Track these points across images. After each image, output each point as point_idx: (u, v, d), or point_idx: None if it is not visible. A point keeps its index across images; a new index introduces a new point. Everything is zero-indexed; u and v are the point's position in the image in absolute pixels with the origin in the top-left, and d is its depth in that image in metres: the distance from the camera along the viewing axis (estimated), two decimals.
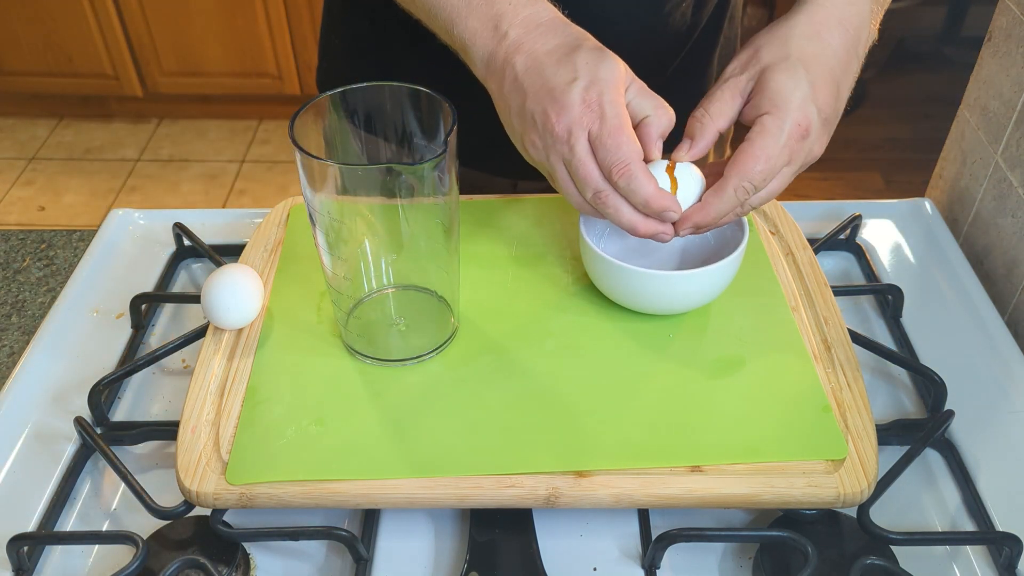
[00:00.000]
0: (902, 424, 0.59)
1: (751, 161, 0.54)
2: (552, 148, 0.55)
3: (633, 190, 0.53)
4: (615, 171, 0.53)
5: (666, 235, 0.56)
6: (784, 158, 0.54)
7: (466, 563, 0.51)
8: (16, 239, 0.82)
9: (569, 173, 0.55)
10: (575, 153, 0.54)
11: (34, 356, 0.65)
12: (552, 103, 0.53)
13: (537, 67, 0.55)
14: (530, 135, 0.56)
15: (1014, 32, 0.73)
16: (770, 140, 0.54)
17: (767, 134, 0.54)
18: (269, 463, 0.52)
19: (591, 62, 0.54)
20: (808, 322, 0.62)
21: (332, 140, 0.55)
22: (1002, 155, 0.75)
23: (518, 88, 0.55)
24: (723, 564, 0.53)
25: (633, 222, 0.55)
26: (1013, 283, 0.72)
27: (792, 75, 0.55)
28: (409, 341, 0.60)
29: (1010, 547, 0.51)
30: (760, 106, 0.55)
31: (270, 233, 0.70)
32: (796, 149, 0.55)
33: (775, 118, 0.54)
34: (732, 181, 0.54)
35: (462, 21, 0.58)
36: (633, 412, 0.55)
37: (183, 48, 2.44)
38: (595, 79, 0.53)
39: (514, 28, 0.56)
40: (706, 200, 0.55)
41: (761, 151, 0.54)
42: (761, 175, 0.54)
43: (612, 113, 0.53)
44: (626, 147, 0.52)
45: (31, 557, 0.53)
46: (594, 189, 0.54)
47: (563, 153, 0.54)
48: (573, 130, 0.53)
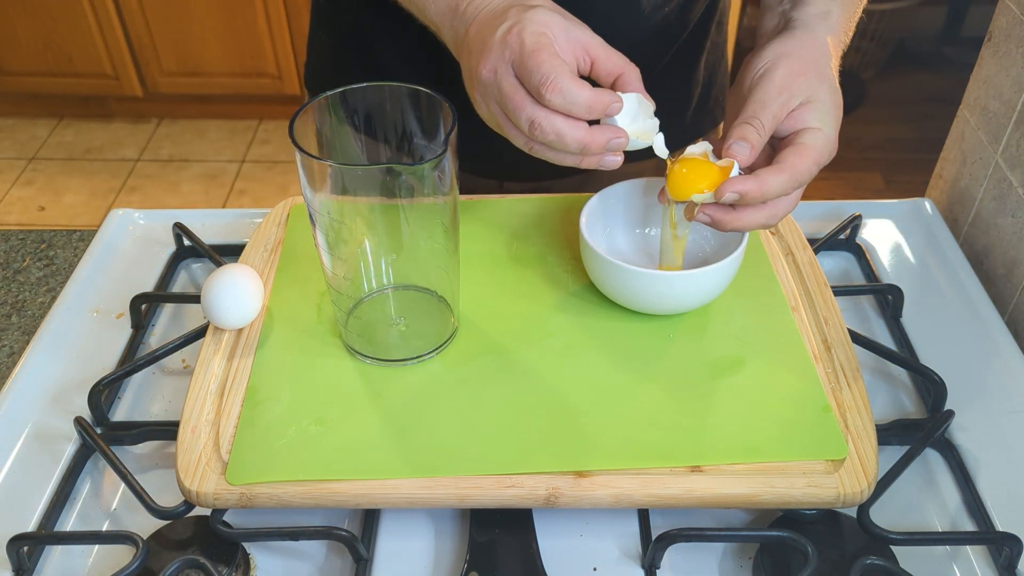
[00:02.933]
0: (902, 424, 0.59)
1: (809, 160, 0.54)
2: (486, 95, 0.54)
3: (571, 101, 0.51)
4: (544, 88, 0.51)
5: (620, 140, 0.53)
6: (814, 175, 0.56)
7: (466, 563, 0.51)
8: (16, 239, 0.82)
9: (506, 114, 0.54)
10: (502, 89, 0.53)
11: (34, 356, 0.65)
12: (480, 51, 0.53)
13: (480, 29, 0.55)
14: (473, 94, 0.55)
15: (1014, 32, 0.73)
16: (822, 152, 0.55)
17: (822, 146, 0.55)
18: (269, 463, 0.52)
19: (522, 10, 0.53)
20: (808, 322, 0.62)
21: (332, 140, 0.55)
22: (1002, 155, 0.75)
23: (468, 52, 0.55)
24: (723, 564, 0.53)
25: (580, 139, 0.53)
26: (1013, 283, 0.72)
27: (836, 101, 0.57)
28: (409, 341, 0.60)
29: (1010, 547, 0.51)
30: (812, 120, 0.56)
31: (270, 233, 0.70)
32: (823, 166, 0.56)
33: (827, 137, 0.55)
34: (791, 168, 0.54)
35: (430, 6, 0.59)
36: (633, 412, 0.55)
37: (183, 48, 2.44)
38: (519, 19, 0.53)
39: (471, 6, 0.57)
40: (761, 174, 0.54)
41: (816, 156, 0.55)
42: (809, 175, 0.55)
43: (531, 40, 0.52)
44: (547, 63, 0.51)
45: (31, 557, 0.53)
46: (527, 119, 0.52)
47: (495, 95, 0.53)
48: (497, 68, 0.53)
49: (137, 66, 2.48)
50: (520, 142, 0.55)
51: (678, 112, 0.81)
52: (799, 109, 0.56)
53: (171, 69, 2.49)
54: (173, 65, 2.48)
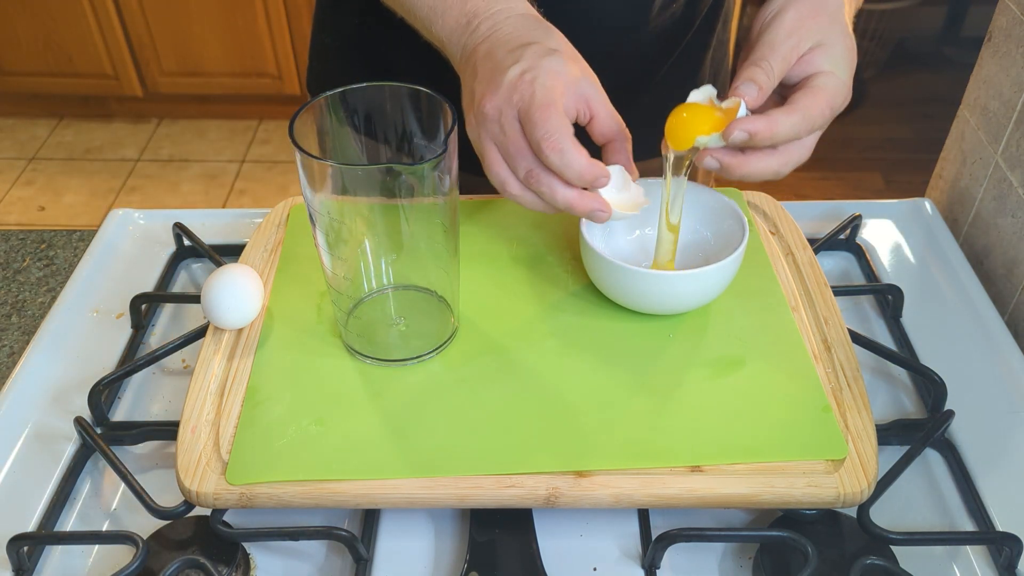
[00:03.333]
0: (902, 424, 0.59)
1: (822, 102, 0.53)
2: (483, 126, 0.54)
3: (566, 163, 0.52)
4: (544, 145, 0.51)
5: (603, 213, 0.54)
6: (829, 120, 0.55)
7: (466, 563, 0.51)
8: (16, 239, 0.82)
9: (501, 153, 0.54)
10: (506, 131, 0.53)
11: (34, 356, 0.65)
12: (489, 83, 0.54)
13: (491, 53, 0.55)
14: (468, 115, 0.56)
15: (1014, 32, 0.73)
16: (836, 96, 0.54)
17: (835, 90, 0.54)
18: (269, 463, 0.52)
19: (539, 54, 0.54)
20: (808, 322, 0.62)
21: (332, 140, 0.55)
22: (1002, 155, 0.75)
23: (473, 73, 0.56)
24: (723, 564, 0.53)
25: (569, 200, 0.54)
26: (1013, 283, 0.72)
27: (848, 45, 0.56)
28: (409, 341, 0.60)
29: (1010, 547, 0.51)
30: (823, 64, 0.55)
31: (270, 233, 0.70)
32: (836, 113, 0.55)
33: (839, 80, 0.55)
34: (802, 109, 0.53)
35: (439, 19, 0.59)
36: (633, 412, 0.55)
37: (183, 48, 2.44)
38: (534, 66, 0.53)
39: (485, 22, 0.57)
40: (772, 114, 0.53)
41: (829, 99, 0.54)
42: (823, 119, 0.54)
43: (542, 93, 0.52)
44: (555, 121, 0.51)
45: (31, 557, 0.53)
46: (526, 168, 0.53)
47: (494, 133, 0.54)
48: (503, 108, 0.53)
49: (137, 66, 2.48)
50: (499, 181, 0.55)
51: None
52: (810, 53, 0.55)
53: (171, 69, 2.49)
54: (173, 65, 2.48)
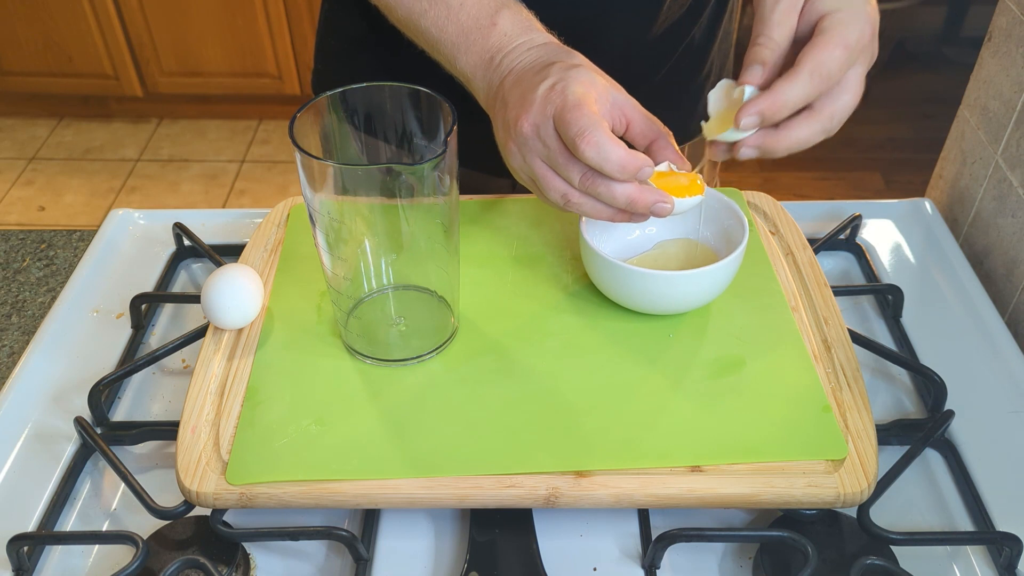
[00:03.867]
0: (902, 424, 0.59)
1: (830, 46, 0.51)
2: (526, 148, 0.54)
3: (604, 157, 0.51)
4: (579, 141, 0.51)
5: (666, 205, 0.53)
6: (857, 54, 0.52)
7: (466, 563, 0.51)
8: (16, 239, 0.82)
9: (552, 168, 0.54)
10: (548, 144, 0.53)
11: (34, 356, 0.65)
12: (521, 105, 0.54)
13: (519, 81, 0.55)
14: (508, 145, 0.56)
15: (1014, 32, 0.73)
16: (848, 31, 0.51)
17: (844, 25, 0.51)
18: (269, 463, 0.52)
19: (565, 68, 0.54)
20: (808, 322, 0.62)
21: (332, 140, 0.55)
22: (1002, 155, 0.75)
23: (504, 104, 0.56)
24: (723, 564, 0.53)
25: (629, 195, 0.52)
26: (1013, 283, 0.72)
27: None
28: (409, 341, 0.60)
29: (1010, 547, 0.51)
30: (825, 6, 0.53)
31: (270, 233, 0.70)
32: (867, 48, 0.53)
33: (849, 13, 0.52)
34: (808, 65, 0.51)
35: (462, 56, 0.59)
36: (633, 412, 0.55)
37: (183, 48, 2.44)
38: (563, 77, 0.53)
39: (508, 56, 0.57)
40: (776, 85, 0.51)
41: (840, 39, 0.51)
42: (839, 62, 0.51)
43: (573, 97, 0.52)
44: (587, 118, 0.51)
45: (31, 557, 0.53)
46: (579, 173, 0.52)
47: (538, 150, 0.54)
48: (539, 123, 0.53)
49: (137, 66, 2.48)
50: (557, 196, 0.55)
51: (691, 105, 0.81)
52: (809, 3, 0.53)
53: (171, 69, 2.49)
54: (173, 65, 2.48)
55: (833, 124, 0.53)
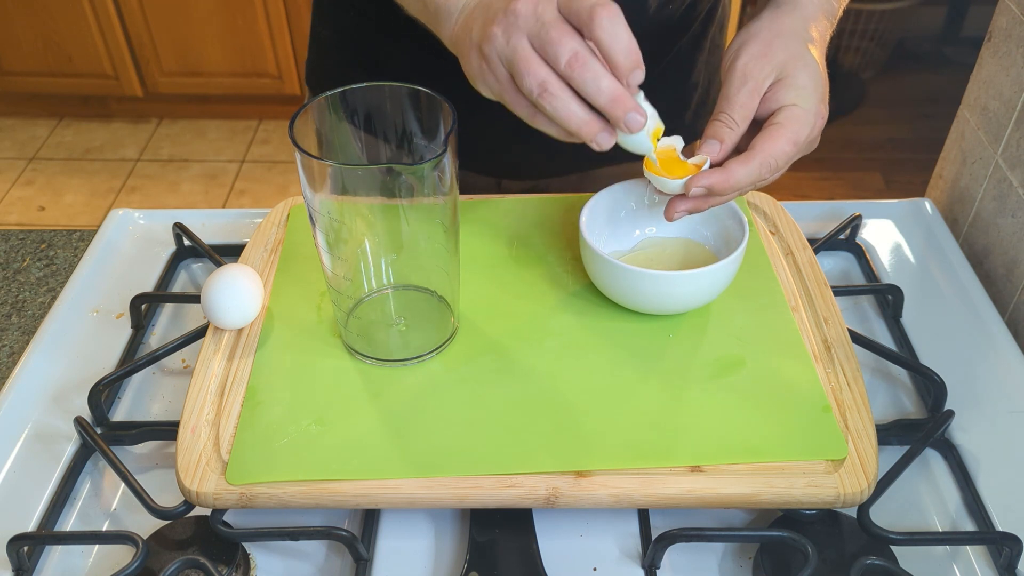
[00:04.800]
0: (902, 424, 0.59)
1: (782, 141, 0.55)
2: (514, 27, 0.51)
3: (616, 34, 0.49)
4: (599, 9, 0.49)
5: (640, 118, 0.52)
6: (802, 151, 0.57)
7: (466, 563, 0.51)
8: (16, 239, 0.82)
9: (537, 49, 0.51)
10: (544, 19, 0.51)
11: (34, 356, 0.65)
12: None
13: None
14: (489, 30, 0.52)
15: (1014, 32, 0.73)
16: (800, 129, 0.55)
17: (799, 122, 0.55)
18: (269, 463, 0.52)
19: None
20: (808, 322, 0.62)
21: (332, 140, 0.55)
22: (1002, 155, 0.75)
23: (480, 18, 0.54)
24: (723, 564, 0.53)
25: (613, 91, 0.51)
26: (1013, 283, 0.72)
27: (812, 71, 0.57)
28: (409, 341, 0.60)
29: (1010, 547, 0.51)
30: (785, 98, 0.56)
31: (270, 233, 0.70)
32: (811, 143, 0.57)
33: (805, 111, 0.56)
34: (760, 155, 0.55)
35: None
36: (633, 412, 0.55)
37: (183, 48, 2.44)
38: None
39: None
40: (729, 165, 0.55)
41: (792, 135, 0.55)
42: (787, 156, 0.56)
43: None
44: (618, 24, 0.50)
45: (31, 557, 0.53)
46: (571, 51, 0.50)
47: (529, 27, 0.51)
48: (540, 3, 0.51)
49: (137, 66, 2.48)
50: (533, 83, 0.51)
51: (677, 113, 0.81)
52: (772, 89, 0.57)
53: (171, 69, 2.49)
54: (173, 65, 2.48)
55: (747, 191, 0.58)
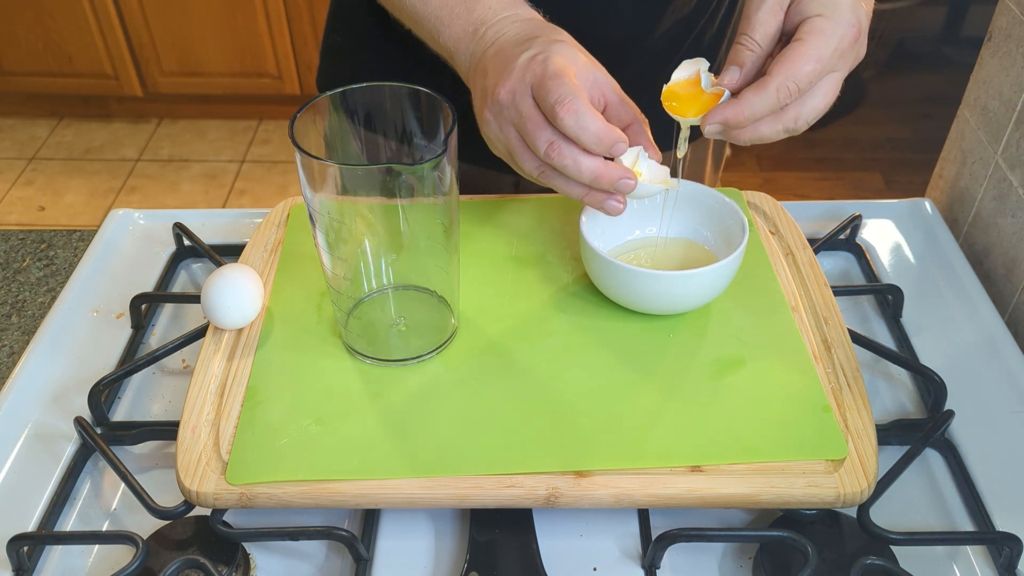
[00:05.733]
0: (902, 424, 0.59)
1: (801, 60, 0.50)
2: (501, 116, 0.54)
3: (582, 126, 0.51)
4: (559, 109, 0.50)
5: (630, 182, 0.53)
6: (834, 62, 0.52)
7: (466, 563, 0.51)
8: (16, 239, 0.82)
9: (521, 135, 0.54)
10: (521, 110, 0.53)
11: (34, 356, 0.65)
12: (500, 74, 0.54)
13: (500, 52, 0.55)
14: (484, 113, 0.56)
15: (1014, 32, 0.73)
16: (824, 41, 0.51)
17: (821, 34, 0.51)
18: (269, 463, 0.52)
19: (548, 42, 0.54)
20: (808, 322, 0.62)
21: (332, 140, 0.55)
22: (1002, 155, 0.75)
23: (484, 73, 0.56)
24: (723, 564, 0.53)
25: (594, 169, 0.52)
26: (1013, 283, 0.72)
27: None
28: (409, 341, 0.60)
29: (1010, 547, 0.51)
30: (808, 9, 0.52)
31: (270, 233, 0.70)
32: (847, 51, 0.52)
33: (829, 21, 0.51)
34: (776, 79, 0.51)
35: (446, 30, 0.59)
36: (633, 412, 0.55)
37: (183, 48, 2.44)
38: (544, 49, 0.53)
39: (491, 29, 0.57)
40: (744, 95, 0.52)
41: (814, 51, 0.51)
42: (808, 76, 0.51)
43: (553, 67, 0.52)
44: (567, 86, 0.51)
45: (31, 557, 0.53)
46: (546, 141, 0.52)
47: (511, 116, 0.54)
48: (516, 89, 0.53)
49: (137, 66, 2.48)
50: (532, 166, 0.55)
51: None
52: (795, 3, 0.53)
53: (171, 69, 2.49)
54: (173, 65, 2.48)
55: (798, 125, 0.53)
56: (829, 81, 0.53)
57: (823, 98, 0.53)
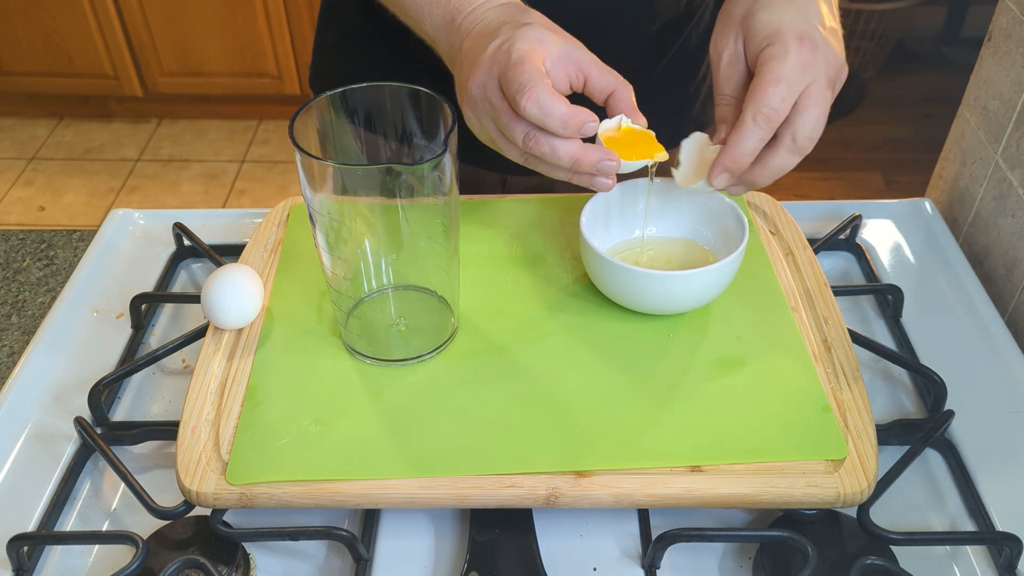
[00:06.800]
0: (902, 424, 0.59)
1: (763, 86, 0.53)
2: (478, 110, 0.55)
3: (545, 112, 0.51)
4: (519, 97, 0.51)
5: (612, 163, 0.53)
6: (802, 76, 0.53)
7: (466, 563, 0.51)
8: (16, 239, 0.82)
9: (498, 128, 0.54)
10: (493, 103, 0.53)
11: (34, 356, 0.65)
12: (471, 67, 0.54)
13: (473, 44, 0.56)
14: (464, 108, 0.56)
15: (1014, 32, 0.73)
16: (778, 64, 0.53)
17: (773, 59, 0.53)
18: (269, 463, 0.52)
19: (514, 27, 0.54)
20: (808, 322, 0.62)
21: (332, 140, 0.55)
22: (1002, 155, 0.75)
23: (460, 67, 0.56)
24: (723, 564, 0.53)
25: (573, 154, 0.52)
26: (1013, 283, 0.72)
27: (772, 6, 0.55)
28: (409, 341, 0.60)
29: (1010, 547, 0.51)
30: (757, 46, 0.54)
31: (270, 233, 0.70)
32: (811, 61, 0.53)
33: (776, 45, 0.53)
34: (749, 110, 0.53)
35: (427, 19, 0.59)
36: (633, 412, 0.55)
37: (183, 48, 2.44)
38: (509, 37, 0.53)
39: (467, 19, 0.57)
40: (729, 139, 0.54)
41: (771, 74, 0.53)
42: (776, 96, 0.52)
43: (516, 55, 0.52)
44: (527, 74, 0.51)
45: (31, 557, 0.53)
46: (522, 132, 0.52)
47: (486, 110, 0.54)
48: (486, 83, 0.53)
49: (137, 66, 2.48)
50: (515, 155, 0.56)
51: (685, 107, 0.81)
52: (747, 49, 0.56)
53: (171, 69, 2.49)
54: (173, 65, 2.48)
55: (800, 143, 0.54)
56: (814, 92, 0.54)
57: (815, 108, 0.54)
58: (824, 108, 0.54)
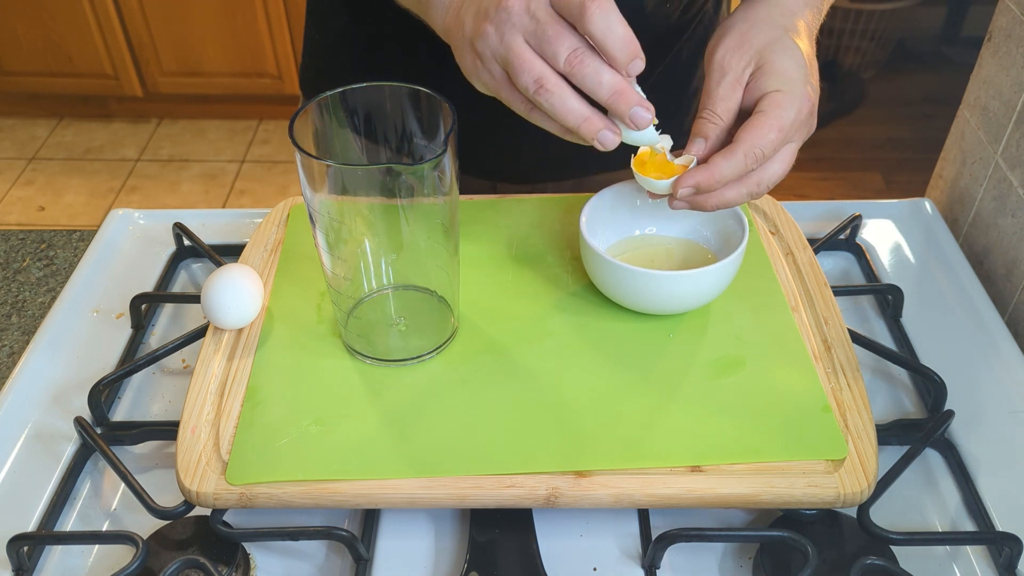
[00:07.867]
0: (902, 424, 0.59)
1: (765, 128, 0.54)
2: (507, 25, 0.51)
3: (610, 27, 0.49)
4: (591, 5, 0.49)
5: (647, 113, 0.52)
6: (792, 133, 0.55)
7: (466, 563, 0.51)
8: (16, 239, 0.82)
9: (534, 47, 0.51)
10: (538, 16, 0.50)
11: (34, 356, 0.65)
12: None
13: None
14: (482, 27, 0.52)
15: (1014, 32, 0.73)
16: (784, 113, 0.54)
17: (781, 107, 0.54)
18: (269, 463, 0.52)
19: None
20: (808, 322, 0.62)
21: (332, 140, 0.55)
22: (1002, 155, 0.75)
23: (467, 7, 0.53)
24: (723, 564, 0.53)
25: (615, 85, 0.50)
26: (1013, 283, 0.72)
27: (792, 55, 0.56)
28: (409, 341, 0.60)
29: (1010, 547, 0.51)
30: (766, 85, 0.55)
31: (270, 233, 0.70)
32: (803, 122, 0.55)
33: (787, 95, 0.54)
34: (744, 145, 0.54)
35: None
36: (633, 412, 0.55)
37: (183, 48, 2.44)
38: None
39: None
40: (713, 160, 0.54)
41: (776, 121, 0.54)
42: (772, 143, 0.54)
43: None
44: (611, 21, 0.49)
45: (31, 557, 0.53)
46: (569, 48, 0.50)
47: (523, 25, 0.50)
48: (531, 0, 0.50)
49: (137, 66, 2.48)
50: (529, 81, 0.51)
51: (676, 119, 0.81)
52: (754, 78, 0.56)
53: (171, 69, 2.49)
54: (173, 65, 2.48)
55: (760, 190, 0.56)
56: (787, 150, 0.56)
57: (781, 164, 0.56)
58: (789, 166, 0.57)
